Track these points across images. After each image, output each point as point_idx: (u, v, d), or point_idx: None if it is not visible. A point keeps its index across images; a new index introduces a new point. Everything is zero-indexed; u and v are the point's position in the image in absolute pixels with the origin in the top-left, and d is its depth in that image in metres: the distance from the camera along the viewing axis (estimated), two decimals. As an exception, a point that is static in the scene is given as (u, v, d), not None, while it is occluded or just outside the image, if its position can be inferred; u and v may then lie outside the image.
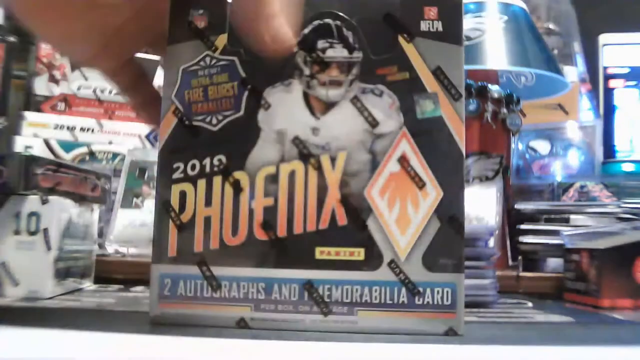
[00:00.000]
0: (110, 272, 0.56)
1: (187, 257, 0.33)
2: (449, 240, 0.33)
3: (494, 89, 0.73)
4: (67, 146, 0.82)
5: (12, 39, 0.88)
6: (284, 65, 0.34)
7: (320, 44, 0.35)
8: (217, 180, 0.34)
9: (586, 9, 1.05)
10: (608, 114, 1.00)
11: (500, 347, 0.31)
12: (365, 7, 0.35)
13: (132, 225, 0.68)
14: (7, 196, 0.45)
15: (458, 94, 0.34)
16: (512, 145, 0.76)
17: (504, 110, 0.73)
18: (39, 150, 0.80)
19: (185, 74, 0.35)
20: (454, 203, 0.33)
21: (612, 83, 1.01)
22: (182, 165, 0.34)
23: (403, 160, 0.33)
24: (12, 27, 0.90)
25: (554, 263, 0.63)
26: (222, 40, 0.35)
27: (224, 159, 0.34)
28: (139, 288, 0.52)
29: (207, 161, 0.34)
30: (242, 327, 0.33)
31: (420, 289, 0.32)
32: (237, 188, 0.34)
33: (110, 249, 0.66)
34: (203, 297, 0.33)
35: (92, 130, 0.85)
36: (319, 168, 0.33)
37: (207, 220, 0.34)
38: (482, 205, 0.67)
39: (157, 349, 0.29)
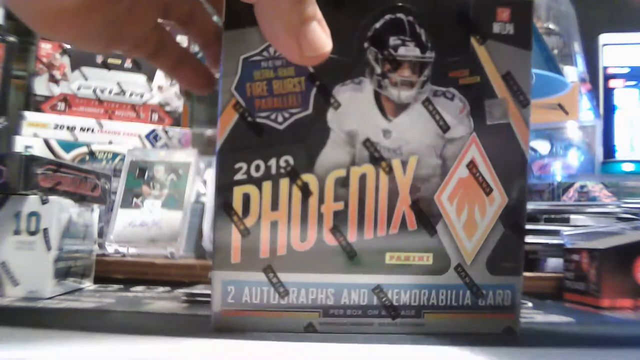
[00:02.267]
0: (110, 272, 0.56)
1: (253, 264, 0.32)
2: (511, 245, 0.34)
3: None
4: (67, 146, 0.82)
5: (12, 39, 0.88)
6: (354, 62, 0.32)
7: (392, 40, 0.32)
8: (284, 182, 0.32)
9: (586, 9, 1.05)
10: (608, 114, 1.00)
11: (500, 349, 0.31)
12: (437, 3, 0.33)
13: (132, 225, 0.68)
14: (7, 196, 0.45)
15: (526, 101, 0.34)
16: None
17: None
18: (39, 150, 0.80)
19: (247, 64, 0.32)
20: (517, 209, 0.34)
21: (612, 83, 1.01)
22: (244, 166, 0.32)
23: (472, 166, 0.33)
24: (12, 27, 0.90)
25: (554, 263, 0.63)
26: None
27: (291, 160, 0.32)
28: (139, 288, 0.52)
29: (272, 162, 0.32)
30: (310, 332, 0.32)
31: (484, 292, 0.33)
32: (305, 192, 0.32)
33: (110, 249, 0.66)
34: (270, 304, 0.32)
35: (92, 130, 0.85)
36: (390, 172, 0.32)
37: (274, 225, 0.32)
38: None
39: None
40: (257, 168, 0.32)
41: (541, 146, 0.95)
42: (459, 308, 0.33)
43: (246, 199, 0.32)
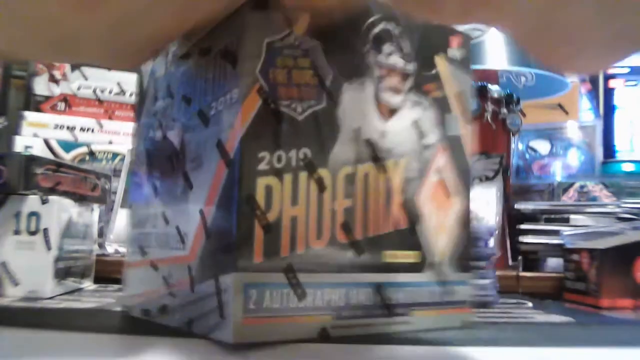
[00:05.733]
0: (110, 272, 0.56)
1: (274, 263, 0.29)
2: (466, 244, 0.36)
3: (494, 89, 0.73)
4: (67, 146, 0.82)
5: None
6: (360, 62, 0.33)
7: (387, 47, 0.34)
8: (303, 176, 0.30)
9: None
10: (608, 114, 1.00)
11: (500, 349, 0.31)
12: (410, 22, 0.35)
13: (132, 225, 0.68)
14: (7, 196, 0.45)
15: (470, 119, 0.37)
16: (512, 145, 0.76)
17: (504, 110, 0.73)
18: (39, 150, 0.80)
19: (271, 48, 0.30)
20: (467, 212, 0.36)
21: (612, 83, 1.01)
22: (267, 156, 0.29)
23: (440, 171, 0.35)
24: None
25: (554, 263, 0.63)
26: (305, 20, 0.31)
27: (309, 153, 0.31)
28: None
29: (293, 154, 0.30)
30: (324, 339, 0.30)
31: (451, 288, 0.35)
32: (321, 186, 0.31)
33: (110, 249, 0.66)
34: (288, 307, 0.30)
35: (92, 130, 0.85)
36: (386, 172, 0.33)
37: (294, 221, 0.30)
38: (482, 205, 0.67)
39: None
40: (279, 159, 0.30)
41: (541, 146, 0.95)
42: (434, 304, 0.35)
43: (269, 191, 0.29)
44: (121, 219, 0.68)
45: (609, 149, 0.98)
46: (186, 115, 0.34)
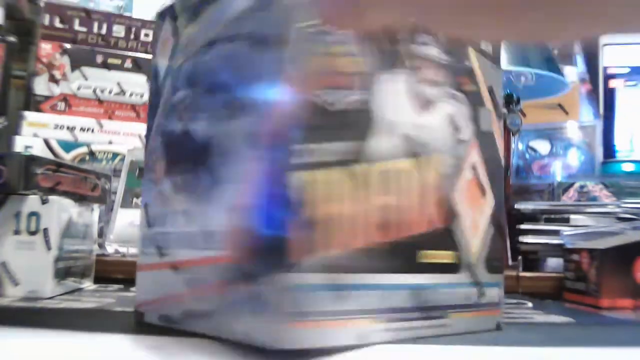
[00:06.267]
0: (110, 272, 0.56)
1: (318, 264, 0.27)
2: (498, 244, 0.36)
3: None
4: (67, 146, 0.82)
5: (12, 39, 0.88)
6: (397, 51, 0.31)
7: (420, 38, 0.32)
8: (347, 171, 0.29)
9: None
10: (608, 114, 1.00)
11: (500, 349, 0.31)
12: None
13: (132, 225, 0.68)
14: (7, 196, 0.45)
15: (501, 114, 0.37)
16: (512, 145, 0.76)
17: (504, 110, 0.73)
18: (39, 150, 0.80)
19: (314, 34, 0.28)
20: (500, 211, 0.36)
21: (612, 83, 1.01)
22: (315, 148, 0.27)
23: (474, 168, 0.35)
24: (12, 27, 0.90)
25: (554, 263, 0.63)
26: None
27: (352, 146, 0.29)
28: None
29: (339, 146, 0.28)
30: (363, 344, 0.29)
31: (484, 289, 0.35)
32: (364, 182, 0.29)
33: (110, 249, 0.65)
34: (329, 311, 0.28)
35: (92, 130, 0.85)
36: (423, 168, 0.32)
37: (338, 218, 0.28)
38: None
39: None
40: (326, 152, 0.28)
41: (541, 146, 0.95)
42: (469, 306, 0.34)
43: (314, 185, 0.27)
44: (121, 219, 0.68)
45: (609, 149, 0.98)
46: (212, 106, 0.31)
